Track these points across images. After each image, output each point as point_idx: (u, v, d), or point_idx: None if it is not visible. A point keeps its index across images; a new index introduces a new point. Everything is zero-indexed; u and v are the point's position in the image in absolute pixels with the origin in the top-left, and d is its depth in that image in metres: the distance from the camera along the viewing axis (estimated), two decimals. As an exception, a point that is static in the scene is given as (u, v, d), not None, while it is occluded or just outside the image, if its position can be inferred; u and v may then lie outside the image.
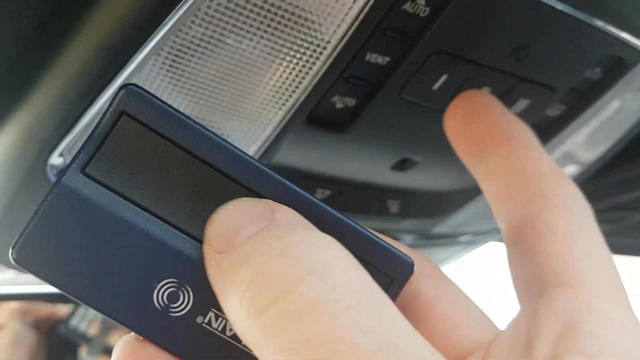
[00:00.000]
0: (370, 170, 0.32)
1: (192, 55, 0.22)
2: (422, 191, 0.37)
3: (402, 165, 0.33)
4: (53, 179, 0.25)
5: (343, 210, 0.35)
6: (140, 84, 0.23)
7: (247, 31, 0.22)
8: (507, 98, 0.28)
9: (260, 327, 0.13)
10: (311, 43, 0.23)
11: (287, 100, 0.25)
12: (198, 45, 0.22)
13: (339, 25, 0.22)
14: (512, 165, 0.20)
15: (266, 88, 0.24)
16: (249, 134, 0.26)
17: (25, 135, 0.25)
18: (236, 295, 0.14)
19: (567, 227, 0.18)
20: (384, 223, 0.38)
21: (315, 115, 0.27)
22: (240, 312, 0.13)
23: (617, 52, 0.28)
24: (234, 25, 0.21)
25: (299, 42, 0.23)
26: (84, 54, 0.22)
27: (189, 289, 0.16)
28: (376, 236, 0.18)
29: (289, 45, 0.23)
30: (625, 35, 0.27)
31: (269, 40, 0.22)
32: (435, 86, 0.26)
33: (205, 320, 0.17)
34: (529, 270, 0.19)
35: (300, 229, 0.15)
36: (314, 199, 0.17)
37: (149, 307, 0.16)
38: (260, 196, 0.17)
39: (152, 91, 0.23)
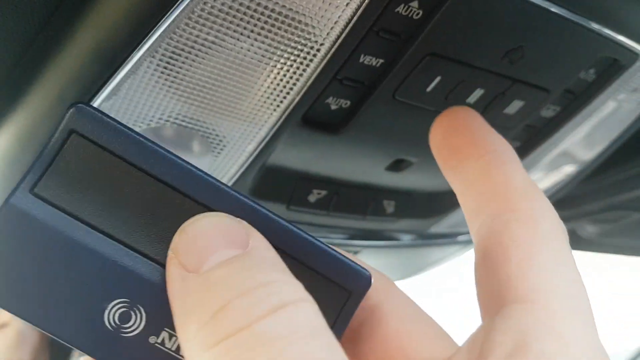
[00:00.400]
0: (366, 170, 0.33)
1: (186, 57, 0.22)
2: (418, 191, 0.37)
3: (397, 165, 0.33)
4: None
5: (339, 210, 0.35)
6: (135, 86, 0.23)
7: (241, 33, 0.22)
8: (500, 99, 0.28)
9: (210, 358, 0.13)
10: (305, 45, 0.23)
11: (281, 101, 0.25)
12: (192, 47, 0.22)
13: (332, 28, 0.22)
14: (485, 179, 0.20)
15: (261, 89, 0.24)
16: (244, 135, 0.26)
17: (23, 137, 0.25)
18: (196, 323, 0.14)
19: (531, 241, 0.18)
20: (380, 223, 0.38)
21: (310, 116, 0.27)
22: (195, 339, 0.14)
23: (611, 54, 0.28)
24: (228, 27, 0.21)
25: (293, 44, 0.23)
26: (80, 57, 0.22)
27: (141, 309, 0.16)
28: (335, 250, 0.18)
29: (283, 47, 0.23)
30: (619, 37, 0.27)
31: (263, 42, 0.22)
32: (429, 88, 0.26)
33: (159, 340, 0.16)
34: (490, 284, 0.18)
35: (273, 271, 0.15)
36: (271, 215, 0.17)
37: (100, 328, 0.16)
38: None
39: (147, 92, 0.23)
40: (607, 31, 0.26)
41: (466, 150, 0.21)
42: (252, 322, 0.13)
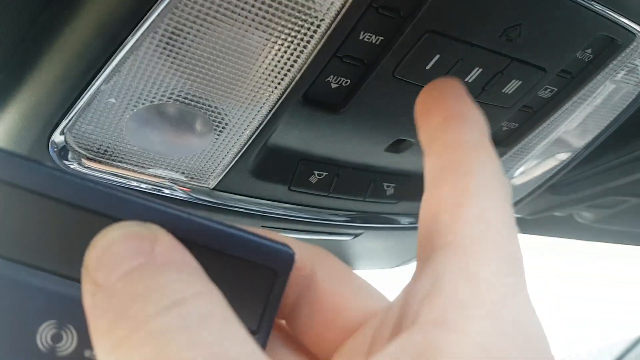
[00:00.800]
0: (366, 151, 0.33)
1: (187, 34, 0.22)
2: (418, 174, 0.38)
3: (397, 146, 0.33)
4: (54, 156, 0.26)
5: (340, 192, 0.35)
6: (137, 63, 0.23)
7: (242, 9, 0.22)
8: (499, 79, 0.28)
9: None
10: (305, 21, 0.23)
11: (282, 79, 0.25)
12: (193, 23, 0.22)
13: (332, 3, 0.23)
14: (441, 134, 0.21)
15: (262, 67, 0.25)
16: (245, 114, 0.27)
17: (28, 114, 0.26)
18: (99, 334, 0.15)
19: (464, 192, 0.18)
20: (380, 206, 0.38)
21: (311, 95, 0.27)
22: (99, 350, 0.15)
23: (609, 33, 0.29)
24: (228, 3, 0.22)
25: (293, 19, 0.23)
26: (84, 33, 0.23)
27: (71, 327, 0.17)
28: (255, 235, 0.18)
29: (283, 23, 0.23)
30: (616, 16, 0.27)
31: (263, 17, 0.23)
32: (428, 66, 0.26)
33: (94, 353, 0.16)
34: (424, 234, 0.19)
35: (171, 272, 0.15)
36: (183, 213, 0.17)
37: (35, 352, 0.16)
38: None
39: (149, 69, 0.24)
40: (605, 10, 0.27)
41: (434, 110, 0.22)
42: (144, 322, 0.14)
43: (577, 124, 0.38)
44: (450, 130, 0.21)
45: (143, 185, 0.30)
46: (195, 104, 0.26)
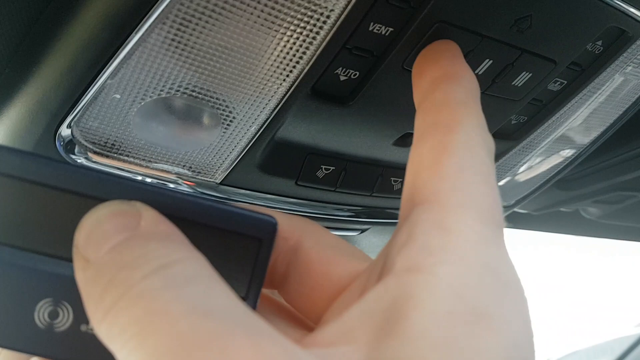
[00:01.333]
0: (374, 145, 0.33)
1: (196, 24, 0.22)
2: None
3: (405, 140, 0.33)
4: (61, 150, 0.26)
5: (347, 187, 0.35)
6: (146, 55, 0.23)
7: (250, 0, 0.22)
8: (509, 70, 0.28)
9: (106, 330, 0.15)
10: (315, 12, 0.23)
11: (291, 71, 0.25)
12: (202, 14, 0.22)
13: (341, -5, 0.22)
14: (430, 92, 0.21)
15: (270, 58, 0.24)
16: (254, 106, 0.26)
17: (35, 108, 0.25)
18: (92, 305, 0.15)
19: (444, 148, 0.19)
20: (387, 201, 0.38)
21: (320, 88, 0.27)
22: (94, 319, 0.15)
23: (619, 24, 0.28)
24: (238, -6, 0.21)
25: (302, 10, 0.23)
26: (90, 25, 0.22)
27: (66, 303, 0.18)
28: (237, 208, 0.19)
29: (292, 13, 0.23)
30: (627, 8, 0.27)
31: (272, 8, 0.22)
32: (438, 58, 0.26)
33: (90, 327, 0.18)
34: (406, 191, 0.19)
35: (155, 241, 0.16)
36: (167, 191, 0.18)
37: (34, 328, 0.17)
38: None
39: (158, 61, 0.23)
40: (616, 1, 0.26)
41: (427, 71, 0.22)
42: (132, 286, 0.15)
43: (585, 118, 0.37)
44: (439, 89, 0.21)
45: (149, 180, 0.29)
46: (202, 97, 0.25)
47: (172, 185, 0.30)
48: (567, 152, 0.43)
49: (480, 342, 0.14)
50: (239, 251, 0.19)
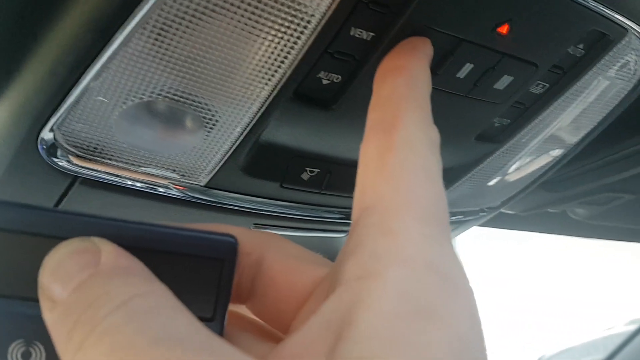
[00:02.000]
0: (358, 148, 0.33)
1: (177, 29, 0.22)
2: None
3: (389, 143, 0.33)
4: (44, 154, 0.26)
5: (332, 189, 0.35)
6: (127, 59, 0.23)
7: (232, 3, 0.22)
8: (490, 74, 0.28)
9: None
10: (295, 16, 0.23)
11: (272, 75, 0.25)
12: (183, 18, 0.22)
13: (319, 4, 0.22)
14: (378, 87, 0.22)
15: (252, 63, 0.25)
16: (236, 110, 0.27)
17: (17, 111, 0.25)
18: (61, 347, 0.16)
19: (386, 149, 0.19)
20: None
21: (302, 91, 0.27)
22: (64, 356, 0.16)
23: (600, 28, 0.29)
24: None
25: (283, 14, 0.23)
26: (72, 29, 0.23)
27: (38, 343, 0.18)
28: (197, 231, 0.19)
29: (273, 18, 0.23)
30: (608, 11, 0.27)
31: (253, 12, 0.22)
32: (420, 61, 0.26)
33: None
34: (355, 196, 0.20)
35: (117, 277, 0.16)
36: (125, 223, 0.18)
37: None
38: None
39: (139, 65, 0.23)
40: (597, 5, 0.27)
41: (381, 64, 0.23)
42: (97, 324, 0.15)
43: (570, 120, 0.38)
44: (385, 83, 0.22)
45: (139, 185, 0.30)
46: (185, 100, 0.25)
47: (161, 190, 0.30)
48: (553, 154, 0.43)
49: (427, 337, 0.15)
50: (202, 273, 0.19)
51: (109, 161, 0.27)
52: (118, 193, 0.29)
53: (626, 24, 0.29)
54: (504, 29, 0.26)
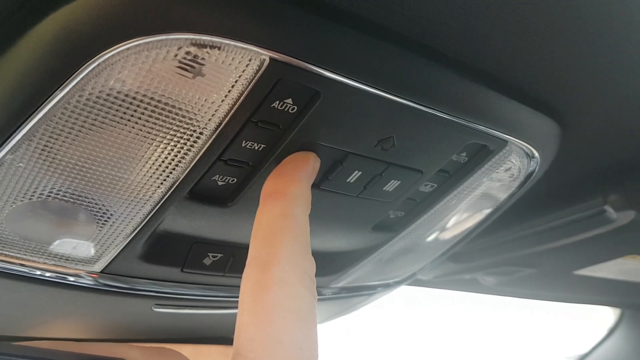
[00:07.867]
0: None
1: (65, 139, 0.23)
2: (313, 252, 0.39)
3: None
4: None
5: (236, 271, 0.36)
6: (16, 163, 0.23)
7: (121, 118, 0.23)
8: (378, 180, 0.30)
9: None
10: (187, 130, 0.24)
11: (165, 179, 0.26)
12: (71, 130, 0.23)
13: (210, 119, 0.24)
14: (258, 216, 0.23)
15: (143, 169, 0.25)
16: (129, 209, 0.27)
17: None
18: None
19: (257, 287, 0.21)
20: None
21: (198, 192, 0.28)
22: None
23: (480, 141, 0.31)
24: (106, 114, 0.22)
25: (175, 127, 0.24)
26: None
27: None
28: (87, 356, 0.21)
29: (165, 130, 0.24)
30: (483, 127, 0.30)
31: (143, 125, 0.23)
32: (310, 169, 0.28)
33: None
34: (236, 329, 0.21)
35: None
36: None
37: None
38: None
39: (27, 170, 0.24)
40: (472, 122, 0.29)
41: (264, 186, 0.25)
42: None
43: (464, 210, 0.40)
44: (264, 210, 0.23)
45: (47, 274, 0.30)
46: (74, 201, 0.26)
47: (72, 279, 0.30)
48: (454, 232, 0.46)
49: None
50: None
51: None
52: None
53: (504, 137, 0.31)
54: (387, 144, 0.28)
